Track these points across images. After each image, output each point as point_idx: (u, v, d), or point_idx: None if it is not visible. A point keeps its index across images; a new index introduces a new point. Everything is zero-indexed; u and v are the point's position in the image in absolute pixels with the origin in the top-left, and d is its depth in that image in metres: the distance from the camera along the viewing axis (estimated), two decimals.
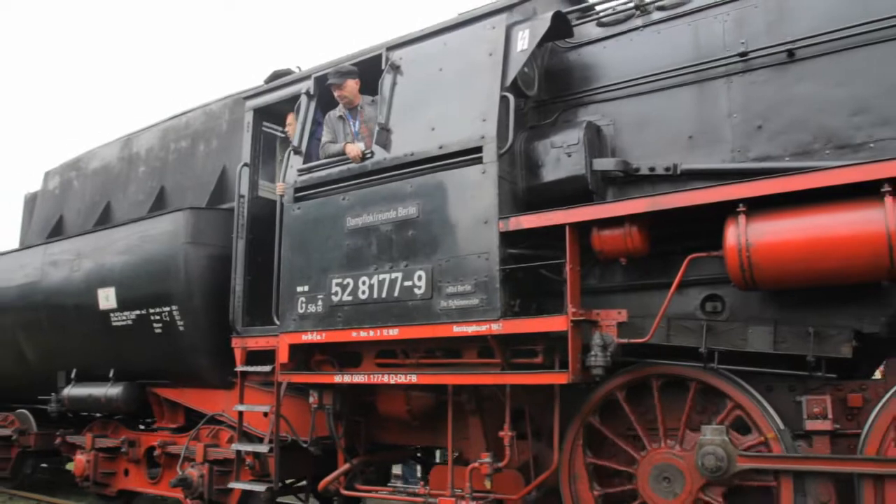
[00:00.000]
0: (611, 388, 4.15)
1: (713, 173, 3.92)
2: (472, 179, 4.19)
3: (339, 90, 4.84)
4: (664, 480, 3.98)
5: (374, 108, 4.78)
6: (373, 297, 4.50)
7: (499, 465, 4.19)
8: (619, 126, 4.33)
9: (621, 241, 3.79)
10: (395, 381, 4.38)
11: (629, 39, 4.47)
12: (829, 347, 3.55)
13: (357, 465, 4.98)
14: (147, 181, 6.71)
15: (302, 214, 4.98)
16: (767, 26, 3.99)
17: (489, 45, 4.38)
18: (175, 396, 6.16)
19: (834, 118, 3.71)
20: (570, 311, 3.77)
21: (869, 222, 3.14)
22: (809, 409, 3.66)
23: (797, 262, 3.30)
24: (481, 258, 4.08)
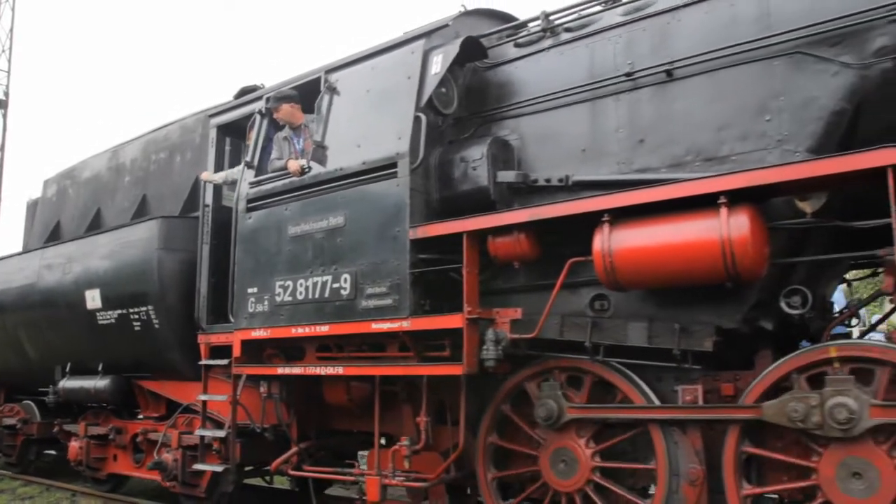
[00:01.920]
0: (519, 380, 4.60)
1: (601, 184, 4.30)
2: (389, 192, 4.65)
3: (276, 113, 5.34)
4: (562, 462, 4.42)
5: (314, 125, 5.26)
6: (308, 297, 5.00)
7: (416, 448, 4.67)
8: (524, 140, 4.74)
9: (512, 246, 4.22)
10: (325, 372, 4.88)
11: (537, 60, 4.86)
12: (694, 341, 3.94)
13: (304, 449, 5.50)
14: (132, 190, 7.31)
15: (253, 223, 5.50)
16: (652, 48, 4.36)
17: (408, 68, 4.83)
18: (156, 388, 6.77)
19: (703, 133, 4.08)
20: (465, 310, 4.22)
21: (708, 230, 3.52)
22: (683, 397, 4.06)
23: (649, 266, 3.70)
24: (395, 263, 4.54)
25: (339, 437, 5.80)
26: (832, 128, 3.77)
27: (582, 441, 4.33)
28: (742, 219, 3.46)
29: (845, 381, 3.45)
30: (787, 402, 3.56)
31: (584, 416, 4.26)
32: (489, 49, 5.18)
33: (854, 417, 3.37)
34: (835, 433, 3.43)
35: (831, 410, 3.42)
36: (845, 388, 3.43)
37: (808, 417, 3.49)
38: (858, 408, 3.37)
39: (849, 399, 3.40)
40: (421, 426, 4.65)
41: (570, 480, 4.35)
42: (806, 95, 3.82)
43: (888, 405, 3.35)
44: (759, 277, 3.58)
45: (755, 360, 3.99)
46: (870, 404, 3.36)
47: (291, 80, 5.70)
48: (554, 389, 4.34)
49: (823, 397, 3.47)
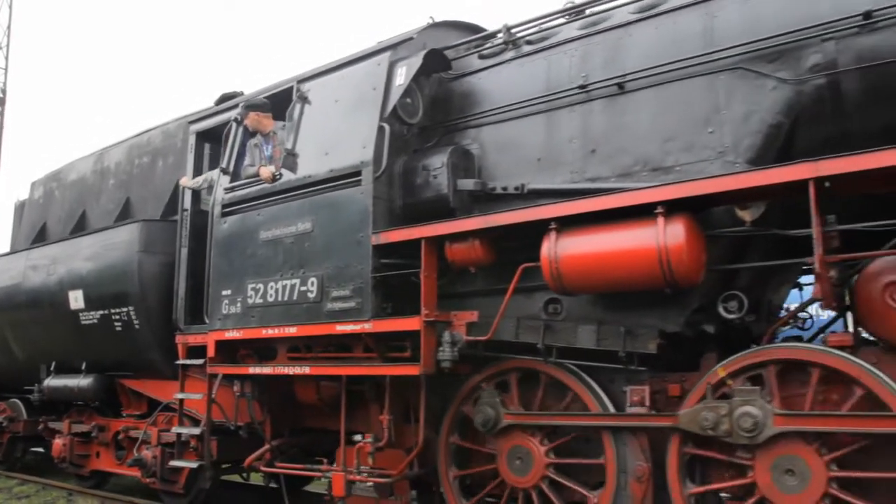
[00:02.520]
0: (478, 381, 4.78)
1: (554, 192, 4.47)
2: (353, 199, 4.83)
3: (246, 120, 5.51)
4: (517, 460, 4.59)
5: (285, 133, 5.43)
6: (278, 299, 5.18)
7: (380, 445, 4.85)
8: (485, 149, 4.91)
9: (467, 252, 4.40)
10: (293, 372, 5.07)
11: (499, 71, 5.04)
12: (639, 344, 4.12)
13: (276, 447, 5.67)
14: (116, 192, 7.49)
15: (227, 228, 5.68)
16: (605, 62, 4.53)
17: (374, 79, 5.00)
18: (137, 386, 6.96)
19: (650, 144, 4.25)
20: (423, 313, 4.40)
21: (645, 239, 3.69)
22: (631, 397, 4.24)
23: (592, 272, 3.88)
24: (358, 267, 4.72)
25: (311, 436, 5.96)
26: (770, 140, 3.95)
27: (536, 439, 4.51)
28: (678, 228, 3.63)
29: (751, 392, 3.67)
30: (700, 412, 3.77)
31: (519, 422, 4.49)
32: (456, 60, 5.37)
33: (759, 426, 3.58)
34: (742, 440, 3.65)
35: (738, 419, 3.63)
36: (751, 398, 3.64)
37: (718, 426, 3.71)
38: (762, 417, 3.59)
39: (754, 408, 3.61)
40: (383, 424, 4.83)
41: (526, 477, 4.52)
42: (746, 109, 4.00)
43: (790, 414, 3.57)
44: (696, 283, 3.75)
45: (701, 362, 4.18)
46: (773, 413, 3.57)
47: (265, 89, 5.88)
48: (492, 397, 4.57)
49: (732, 407, 3.68)
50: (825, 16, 3.85)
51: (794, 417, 3.56)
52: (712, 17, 4.23)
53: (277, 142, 5.46)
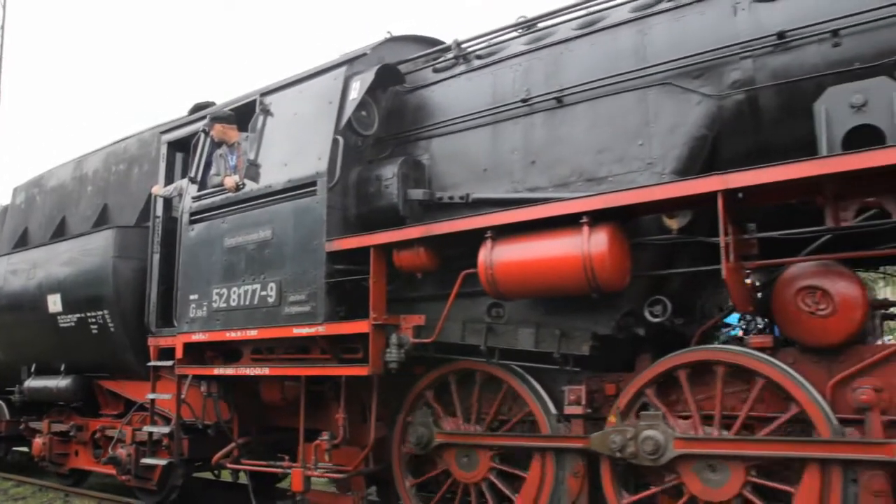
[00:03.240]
0: (422, 388, 5.03)
1: (497, 201, 4.69)
2: (309, 208, 5.05)
3: (212, 132, 5.73)
4: (464, 457, 4.82)
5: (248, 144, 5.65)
6: (240, 304, 5.41)
7: (335, 442, 5.08)
8: (435, 160, 5.14)
9: (413, 259, 4.62)
10: (253, 372, 5.30)
11: (450, 85, 5.27)
12: (574, 346, 4.35)
13: (243, 444, 5.90)
14: (94, 199, 7.72)
15: (195, 235, 5.91)
16: (546, 76, 4.76)
17: (330, 93, 5.22)
18: (113, 387, 7.19)
19: (585, 156, 4.47)
20: (371, 316, 4.63)
21: (571, 247, 3.91)
22: (568, 396, 4.46)
23: (524, 278, 4.10)
24: (313, 273, 4.95)
25: (277, 434, 6.19)
26: (696, 152, 4.17)
27: None
28: (601, 236, 3.85)
29: (655, 416, 3.92)
30: (608, 435, 4.04)
31: (450, 441, 4.77)
32: (412, 73, 5.59)
33: (660, 449, 3.85)
34: (646, 462, 3.90)
35: (642, 443, 3.89)
36: (654, 423, 3.90)
37: (625, 448, 3.97)
38: (664, 441, 3.86)
39: (657, 433, 3.87)
40: (339, 422, 5.06)
41: (473, 473, 4.76)
42: (673, 122, 4.23)
43: (689, 438, 3.83)
44: (621, 289, 3.97)
45: (636, 363, 4.40)
46: (674, 437, 3.83)
47: (232, 101, 6.11)
48: (425, 416, 4.83)
49: (637, 431, 3.93)
50: (744, 35, 4.09)
51: (692, 441, 3.83)
52: (644, 35, 4.46)
53: (242, 152, 5.68)
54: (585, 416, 4.39)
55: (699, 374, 4.02)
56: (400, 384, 5.18)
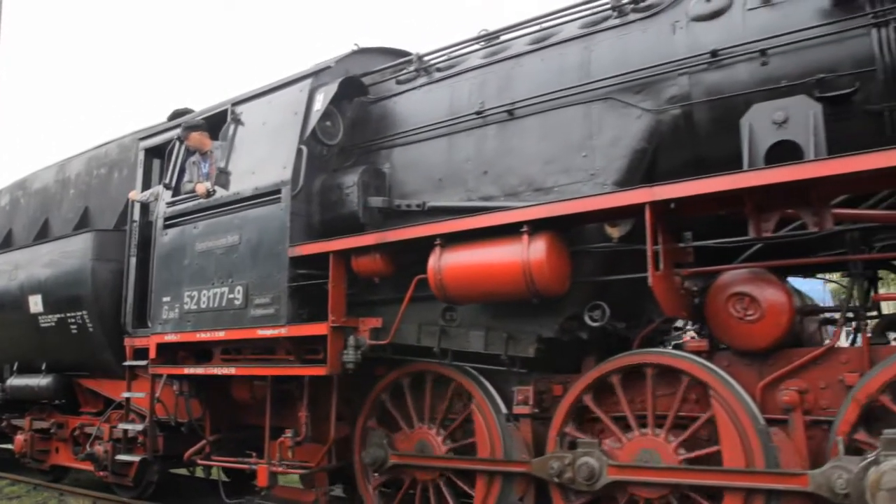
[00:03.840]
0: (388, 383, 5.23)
1: (450, 209, 4.90)
2: (274, 215, 5.26)
3: (187, 140, 5.93)
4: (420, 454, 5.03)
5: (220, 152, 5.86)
6: (210, 306, 5.61)
7: (298, 440, 5.28)
8: (395, 169, 5.34)
9: (369, 264, 4.83)
10: (221, 372, 5.51)
11: (410, 96, 5.47)
12: (520, 348, 4.56)
13: (214, 442, 6.11)
14: (76, 202, 7.93)
15: (168, 239, 6.11)
16: (498, 90, 4.97)
17: (296, 104, 5.42)
18: (93, 385, 7.40)
19: (533, 166, 4.68)
20: (330, 319, 4.84)
21: (512, 254, 4.12)
22: (517, 397, 4.67)
23: (470, 283, 4.31)
24: (277, 277, 5.15)
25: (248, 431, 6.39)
26: (636, 164, 4.38)
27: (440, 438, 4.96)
28: (540, 244, 4.06)
29: (591, 444, 4.12)
30: (547, 461, 4.23)
31: (402, 462, 4.99)
32: (377, 84, 5.80)
33: (595, 475, 4.04)
34: (583, 487, 4.09)
35: (579, 469, 4.08)
36: (590, 450, 4.09)
37: (563, 474, 4.16)
38: (599, 467, 4.04)
39: (592, 460, 4.06)
40: (302, 421, 5.27)
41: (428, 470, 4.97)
42: (614, 135, 4.43)
43: (624, 465, 4.02)
44: (560, 294, 4.18)
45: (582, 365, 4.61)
46: (607, 464, 4.02)
47: (206, 110, 6.32)
48: (380, 438, 5.03)
49: (574, 457, 4.12)
50: (681, 53, 4.30)
51: (624, 469, 4.02)
52: (590, 51, 4.67)
53: (214, 160, 5.88)
54: (533, 416, 4.60)
55: (642, 377, 4.23)
56: (363, 385, 5.40)
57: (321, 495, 5.41)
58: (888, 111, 3.79)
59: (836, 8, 3.92)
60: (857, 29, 3.83)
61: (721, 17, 4.28)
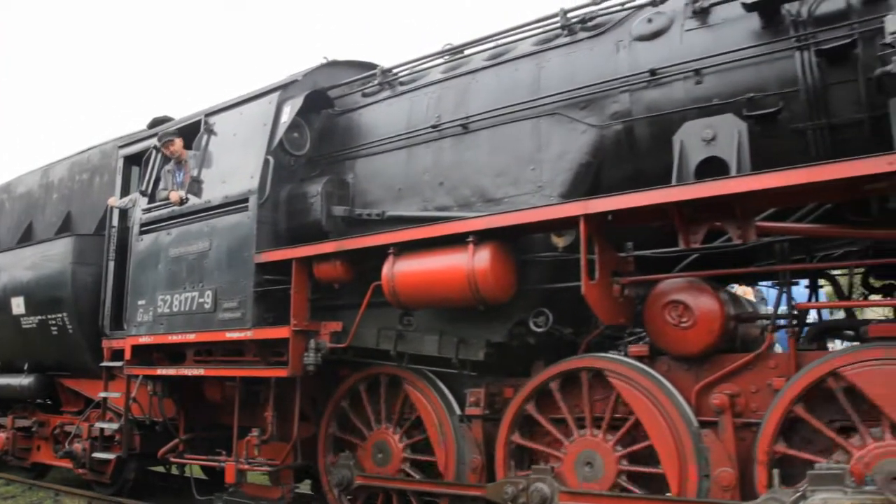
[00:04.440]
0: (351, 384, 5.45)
1: (408, 219, 5.11)
2: (242, 223, 5.48)
3: (164, 149, 6.14)
4: (379, 453, 5.25)
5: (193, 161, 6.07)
6: (181, 309, 5.83)
7: (264, 438, 5.50)
8: (358, 179, 5.56)
9: (330, 271, 5.05)
10: (191, 373, 5.73)
11: (374, 109, 5.69)
12: (471, 352, 4.77)
13: (186, 440, 6.33)
14: (58, 206, 8.15)
15: (144, 244, 6.33)
16: (455, 104, 5.18)
17: (265, 116, 5.64)
18: (73, 385, 7.62)
19: (485, 178, 4.90)
20: (292, 323, 5.06)
21: (459, 262, 4.33)
22: (469, 398, 4.88)
23: (420, 290, 4.53)
24: (244, 282, 5.37)
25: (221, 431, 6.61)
26: (580, 177, 4.60)
27: (396, 437, 5.18)
28: (484, 254, 4.27)
29: (545, 471, 4.28)
30: (502, 485, 4.37)
31: (368, 483, 5.17)
32: (345, 97, 6.02)
33: (547, 501, 4.19)
34: None
35: (531, 494, 4.23)
36: (543, 476, 4.25)
37: (517, 498, 4.30)
38: (551, 493, 4.20)
39: (544, 486, 4.22)
40: (267, 420, 5.49)
41: (387, 468, 5.19)
42: (561, 149, 4.65)
43: (574, 492, 4.19)
44: (505, 301, 4.39)
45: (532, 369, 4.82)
46: (559, 490, 4.20)
47: (181, 120, 6.55)
48: (347, 460, 5.22)
49: (528, 482, 4.28)
50: (623, 71, 4.52)
51: (576, 495, 4.18)
52: (541, 68, 4.89)
53: (188, 169, 6.09)
54: (484, 417, 4.81)
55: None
56: (328, 386, 5.62)
57: (287, 492, 5.63)
58: (811, 130, 4.01)
59: (765, 30, 4.14)
60: (782, 51, 4.05)
61: (661, 37, 4.49)
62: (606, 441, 4.27)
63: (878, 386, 3.52)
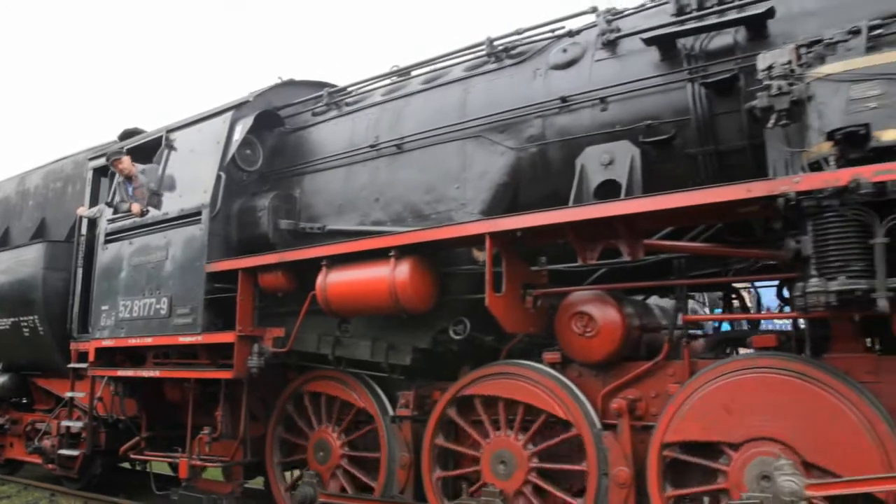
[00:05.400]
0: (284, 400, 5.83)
1: (348, 232, 5.48)
2: (195, 234, 5.85)
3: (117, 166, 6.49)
4: (320, 451, 5.62)
5: (145, 175, 6.42)
6: (140, 315, 6.20)
7: (214, 436, 5.87)
8: (304, 194, 5.93)
9: (273, 281, 5.41)
10: (147, 374, 6.10)
11: (321, 128, 6.07)
12: (399, 357, 5.13)
13: (147, 437, 6.70)
14: (34, 212, 8.53)
15: (108, 253, 6.70)
16: (390, 125, 5.56)
17: (219, 134, 6.01)
18: (45, 384, 8.00)
19: (416, 195, 5.27)
20: (237, 328, 5.42)
21: (382, 274, 4.69)
22: (400, 400, 5.24)
23: (349, 299, 4.89)
24: (196, 290, 5.74)
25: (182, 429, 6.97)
26: (499, 196, 4.96)
27: (335, 434, 5.55)
28: (404, 266, 4.63)
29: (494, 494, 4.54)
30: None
31: (330, 502, 5.38)
32: (297, 115, 6.38)
33: None
34: None
35: None
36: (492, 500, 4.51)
37: None
38: None
39: None
40: (217, 419, 5.86)
41: (327, 465, 5.55)
42: (482, 170, 5.02)
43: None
44: (425, 310, 4.75)
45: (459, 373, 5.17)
46: None
47: (146, 135, 6.94)
48: (311, 478, 5.50)
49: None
50: (538, 97, 4.88)
51: None
52: (467, 93, 5.26)
53: (139, 183, 6.41)
54: (413, 418, 5.16)
55: None
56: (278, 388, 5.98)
57: (236, 487, 6.00)
58: (701, 155, 4.37)
59: (663, 63, 4.50)
60: (676, 82, 4.40)
61: (573, 66, 4.85)
62: (517, 440, 4.63)
63: None
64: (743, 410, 3.84)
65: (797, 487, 3.28)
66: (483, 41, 5.33)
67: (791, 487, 3.29)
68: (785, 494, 3.29)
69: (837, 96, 3.51)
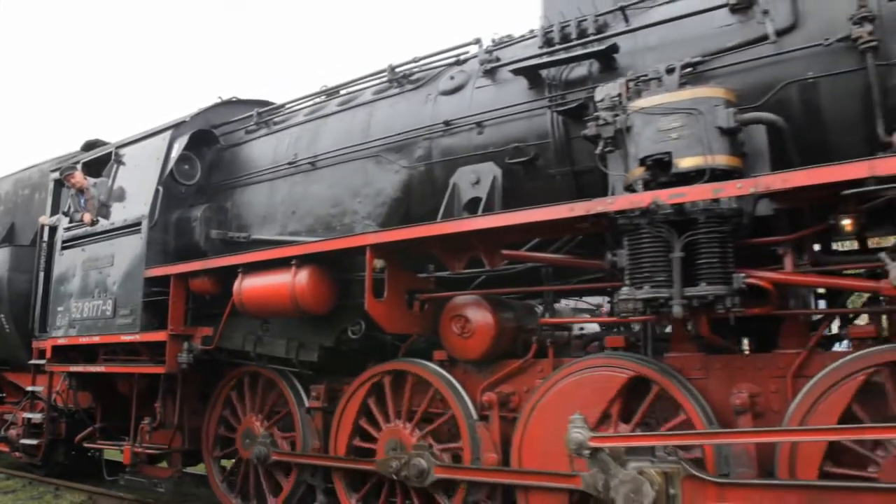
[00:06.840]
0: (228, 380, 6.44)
1: (269, 242, 6.06)
2: (136, 243, 6.47)
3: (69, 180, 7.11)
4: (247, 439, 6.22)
5: (96, 188, 7.04)
6: (90, 315, 6.83)
7: (154, 426, 6.49)
8: (235, 206, 6.54)
9: (202, 285, 6.02)
10: (94, 370, 6.72)
11: (252, 145, 6.67)
12: (308, 354, 5.71)
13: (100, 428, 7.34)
14: (4, 218, 9.17)
15: (64, 258, 7.34)
16: (308, 144, 6.15)
17: (159, 151, 6.61)
18: (14, 378, 8.67)
19: (325, 209, 5.86)
20: (169, 328, 6.04)
21: (284, 281, 5.28)
22: (312, 393, 5.84)
23: (260, 302, 5.48)
24: (136, 293, 6.36)
25: None
26: (394, 210, 5.54)
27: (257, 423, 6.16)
28: (304, 273, 5.21)
29: (423, 448, 4.99)
30: (388, 461, 5.08)
31: (284, 459, 5.87)
32: (232, 133, 6.98)
33: (424, 474, 4.91)
34: (415, 483, 4.97)
35: (411, 468, 4.95)
36: (422, 452, 4.99)
37: (400, 471, 4.99)
38: (427, 467, 4.92)
39: (423, 461, 4.94)
40: (157, 410, 6.48)
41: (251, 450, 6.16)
42: (379, 186, 5.60)
43: (448, 466, 4.93)
44: (323, 313, 5.32)
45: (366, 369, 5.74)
46: (435, 465, 4.89)
47: (98, 150, 7.56)
48: (265, 438, 5.95)
49: (409, 458, 4.99)
50: (427, 121, 5.43)
51: (448, 468, 4.92)
52: (371, 116, 5.84)
53: (91, 195, 7.03)
54: (323, 409, 5.76)
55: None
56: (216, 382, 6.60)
57: (175, 472, 6.64)
58: (559, 175, 4.92)
59: (530, 91, 5.05)
60: (538, 109, 4.96)
61: (458, 92, 5.41)
62: (405, 428, 5.22)
63: None
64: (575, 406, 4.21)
65: (582, 438, 3.84)
66: (384, 69, 5.91)
67: (577, 438, 3.85)
68: (571, 443, 3.84)
69: (649, 127, 4.05)
